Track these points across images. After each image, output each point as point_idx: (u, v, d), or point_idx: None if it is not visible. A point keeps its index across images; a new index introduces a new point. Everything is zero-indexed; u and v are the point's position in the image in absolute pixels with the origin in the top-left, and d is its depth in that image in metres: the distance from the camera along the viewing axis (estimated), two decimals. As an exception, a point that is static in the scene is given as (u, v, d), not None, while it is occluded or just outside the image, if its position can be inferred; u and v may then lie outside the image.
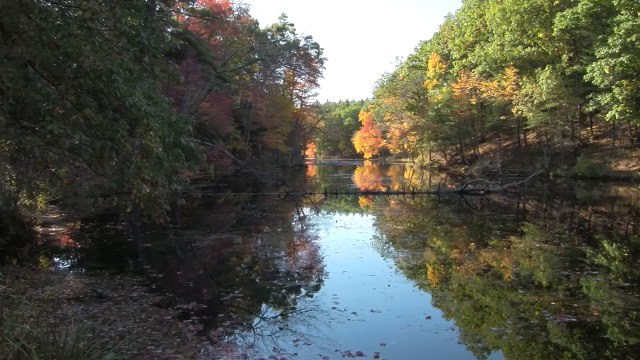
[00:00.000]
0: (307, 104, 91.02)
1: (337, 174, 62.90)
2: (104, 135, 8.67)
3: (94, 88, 8.76)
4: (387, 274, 11.13)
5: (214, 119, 46.07)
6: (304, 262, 12.70)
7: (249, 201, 27.44)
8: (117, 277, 10.18)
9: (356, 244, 14.45)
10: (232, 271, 12.16)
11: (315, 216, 22.72)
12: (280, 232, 17.59)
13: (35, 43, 8.74)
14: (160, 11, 10.82)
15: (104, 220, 18.40)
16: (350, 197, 30.26)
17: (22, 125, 9.29)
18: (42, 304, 7.67)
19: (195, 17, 48.84)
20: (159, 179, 8.68)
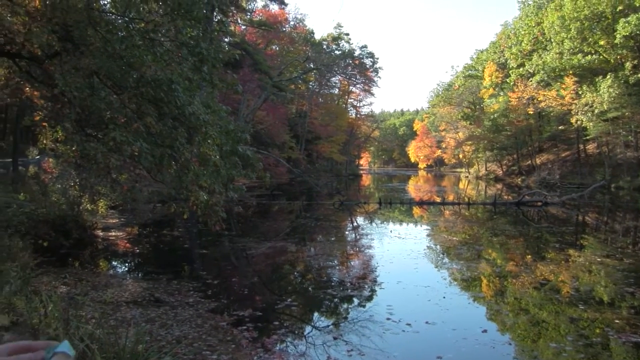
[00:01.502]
0: (362, 113, 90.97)
1: (391, 184, 62.54)
2: (164, 143, 8.86)
3: (155, 97, 8.97)
4: (442, 285, 10.98)
5: (270, 128, 46.57)
6: (357, 272, 12.66)
7: (303, 210, 27.55)
8: (173, 282, 10.37)
9: (411, 255, 14.31)
10: (285, 279, 12.22)
11: (369, 226, 22.62)
12: (333, 241, 17.58)
13: (101, 54, 9.04)
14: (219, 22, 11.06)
15: (161, 226, 18.80)
16: (405, 207, 30.01)
17: (86, 132, 9.61)
18: (103, 306, 7.89)
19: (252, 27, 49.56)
20: (216, 187, 8.81)
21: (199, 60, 9.14)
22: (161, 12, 9.91)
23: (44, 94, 12.73)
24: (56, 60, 9.73)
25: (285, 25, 57.73)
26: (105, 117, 9.16)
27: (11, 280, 7.01)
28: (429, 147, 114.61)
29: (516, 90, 60.75)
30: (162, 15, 9.79)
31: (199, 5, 9.40)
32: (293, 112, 65.46)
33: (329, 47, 75.35)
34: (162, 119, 9.21)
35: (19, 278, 7.31)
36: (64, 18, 9.10)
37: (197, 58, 9.13)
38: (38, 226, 12.12)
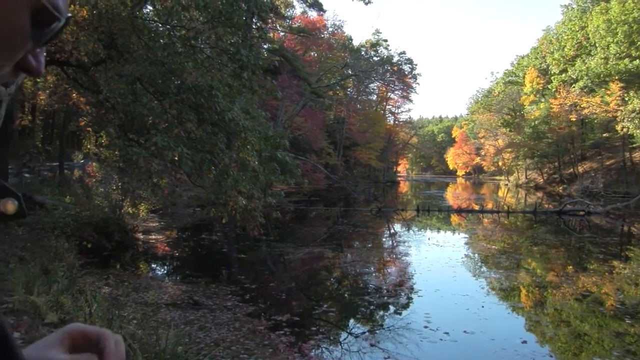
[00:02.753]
0: (400, 120, 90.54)
1: (429, 191, 62.07)
2: (203, 148, 9.01)
3: (195, 103, 9.13)
4: (481, 294, 10.86)
5: (308, 134, 46.73)
6: (394, 279, 12.62)
7: (340, 216, 27.55)
8: (212, 286, 10.49)
9: (449, 263, 14.19)
10: (322, 285, 12.25)
11: (407, 233, 22.51)
12: (370, 248, 17.56)
13: (144, 61, 9.26)
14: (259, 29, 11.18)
15: (199, 230, 19.03)
16: (442, 215, 29.76)
17: (129, 137, 9.84)
18: (144, 307, 8.04)
19: (290, 34, 49.91)
20: (255, 192, 8.92)
21: (239, 67, 9.28)
22: (202, 19, 10.10)
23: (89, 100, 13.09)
24: (101, 67, 10.00)
25: (323, 32, 57.89)
26: (147, 123, 9.37)
27: (59, 279, 7.23)
28: (467, 154, 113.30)
29: (558, 97, 59.62)
30: (203, 22, 9.97)
31: (239, 12, 9.55)
32: (331, 118, 65.58)
33: (367, 53, 75.27)
34: (202, 125, 9.38)
35: (65, 278, 7.53)
36: (109, 27, 9.35)
37: (237, 65, 9.28)
38: (82, 228, 12.42)
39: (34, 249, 9.65)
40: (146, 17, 11.28)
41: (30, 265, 7.88)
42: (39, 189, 16.96)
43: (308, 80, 41.71)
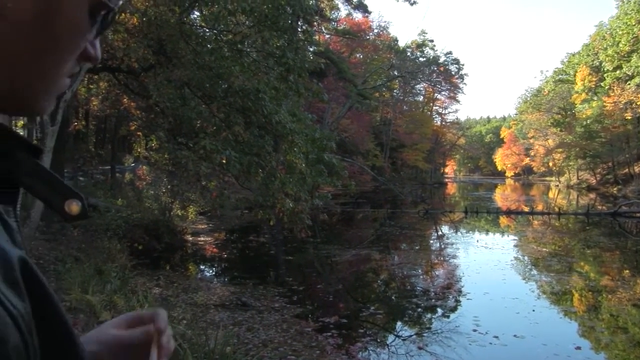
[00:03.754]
0: (447, 121, 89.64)
1: (477, 192, 61.23)
2: (251, 151, 9.11)
3: (242, 106, 9.24)
4: (531, 298, 10.64)
5: (354, 136, 46.74)
6: (442, 281, 12.50)
7: (387, 218, 27.42)
8: (259, 287, 10.59)
9: (498, 265, 13.95)
10: (369, 287, 12.23)
11: (454, 235, 22.26)
12: (418, 250, 17.43)
13: (192, 66, 9.42)
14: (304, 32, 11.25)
15: (247, 232, 19.22)
16: (491, 217, 29.30)
17: (177, 141, 10.02)
18: (193, 308, 8.18)
19: (336, 36, 50.00)
20: (302, 194, 8.97)
21: (285, 70, 9.35)
22: (248, 23, 10.22)
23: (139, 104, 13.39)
24: (151, 72, 10.23)
25: (369, 33, 57.76)
26: (196, 126, 9.53)
27: (112, 279, 7.42)
28: (516, 154, 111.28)
29: (612, 95, 57.95)
30: (250, 26, 10.09)
31: (284, 16, 9.63)
32: (377, 120, 65.42)
33: (413, 54, 74.77)
34: (249, 128, 9.49)
35: (118, 278, 7.73)
36: (159, 33, 9.56)
37: (283, 68, 9.34)
38: (134, 230, 12.70)
39: (88, 250, 9.92)
40: (194, 23, 11.49)
41: (85, 265, 8.11)
42: (93, 191, 17.41)
43: (354, 82, 41.69)
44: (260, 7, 9.35)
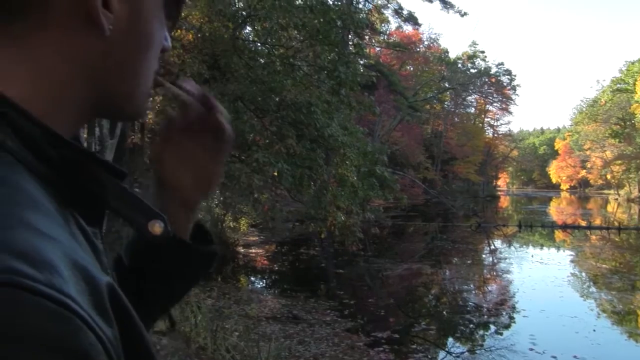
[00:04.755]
0: (499, 133, 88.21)
1: (531, 206, 59.96)
2: (303, 164, 9.16)
3: (295, 119, 9.31)
4: (591, 317, 10.30)
5: (405, 148, 46.47)
6: (495, 297, 12.26)
7: (438, 231, 27.12)
8: (310, 300, 10.59)
9: (555, 282, 13.55)
10: (420, 302, 12.11)
11: (508, 249, 21.81)
12: (470, 265, 17.16)
13: (245, 80, 9.56)
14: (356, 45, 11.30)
15: (298, 245, 19.28)
16: (546, 231, 28.60)
17: (230, 154, 10.15)
18: (246, 320, 8.24)
19: (386, 49, 49.98)
20: (354, 207, 8.96)
21: (337, 84, 9.39)
22: (300, 38, 10.33)
23: (193, 118, 13.63)
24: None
25: (419, 46, 57.53)
26: (249, 140, 9.65)
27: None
28: (572, 167, 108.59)
29: (675, 104, 56.03)
30: (301, 41, 10.19)
31: (336, 30, 9.69)
32: (428, 132, 64.94)
33: (464, 65, 74.02)
34: (301, 141, 9.55)
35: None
36: (213, 48, 9.74)
37: (335, 81, 9.39)
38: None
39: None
40: (246, 38, 11.68)
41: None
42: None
43: (405, 94, 41.58)
44: (311, 22, 9.44)
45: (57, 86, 0.54)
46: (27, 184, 0.46)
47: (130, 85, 0.60)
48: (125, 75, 0.59)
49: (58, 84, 0.54)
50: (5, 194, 0.43)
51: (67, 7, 0.52)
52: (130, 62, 0.59)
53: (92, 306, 0.41)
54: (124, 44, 0.57)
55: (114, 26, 0.54)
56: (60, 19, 0.52)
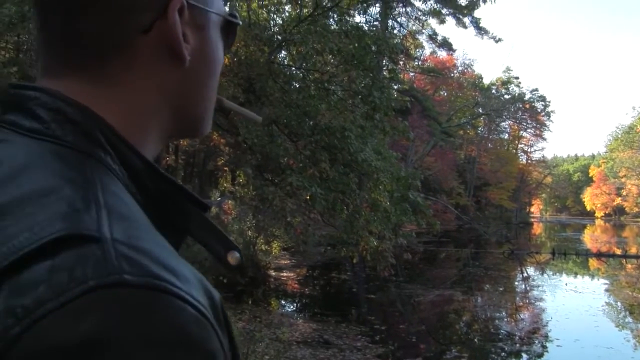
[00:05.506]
0: (533, 159, 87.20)
1: (565, 233, 58.91)
2: (336, 188, 9.17)
3: (328, 144, 9.35)
4: (628, 348, 10.06)
5: (438, 174, 46.21)
6: (528, 326, 12.05)
7: (470, 257, 26.81)
8: (342, 325, 10.54)
9: (589, 311, 13.27)
10: (451, 328, 11.96)
11: (541, 277, 21.43)
12: (502, 292, 16.91)
13: (279, 104, 9.66)
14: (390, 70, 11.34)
15: (329, 269, 19.24)
16: (580, 259, 28.04)
17: (264, 177, 10.24)
18: (277, 343, 8.22)
19: (420, 74, 50.03)
20: (386, 232, 8.93)
21: (371, 109, 9.42)
22: (335, 62, 10.41)
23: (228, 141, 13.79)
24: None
25: (453, 71, 57.41)
26: (282, 163, 9.71)
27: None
28: (607, 194, 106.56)
29: None
30: (336, 65, 10.27)
31: (370, 55, 9.75)
32: (461, 157, 64.51)
33: (498, 91, 73.57)
34: (334, 165, 9.57)
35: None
36: (248, 72, 9.87)
37: (370, 106, 9.42)
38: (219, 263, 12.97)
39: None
40: (282, 62, 11.81)
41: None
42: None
43: (438, 120, 41.52)
44: (347, 47, 9.52)
45: (146, 118, 0.61)
46: (135, 205, 0.51)
47: (203, 107, 0.68)
48: (199, 98, 0.67)
49: (146, 116, 0.61)
50: (131, 213, 0.48)
51: (152, 45, 0.59)
52: (203, 86, 0.66)
53: (214, 317, 0.45)
54: (198, 70, 0.64)
55: (191, 56, 0.61)
56: (145, 56, 0.59)
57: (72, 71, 0.57)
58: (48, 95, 0.54)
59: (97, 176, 0.49)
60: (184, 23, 0.60)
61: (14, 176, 0.47)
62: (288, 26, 10.31)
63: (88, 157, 0.51)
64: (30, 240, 0.40)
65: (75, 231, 0.42)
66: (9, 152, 0.51)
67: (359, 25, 11.78)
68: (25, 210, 0.44)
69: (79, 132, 0.53)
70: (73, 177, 0.48)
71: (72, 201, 0.45)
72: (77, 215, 0.43)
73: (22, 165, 0.49)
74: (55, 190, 0.46)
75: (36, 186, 0.46)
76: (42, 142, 0.51)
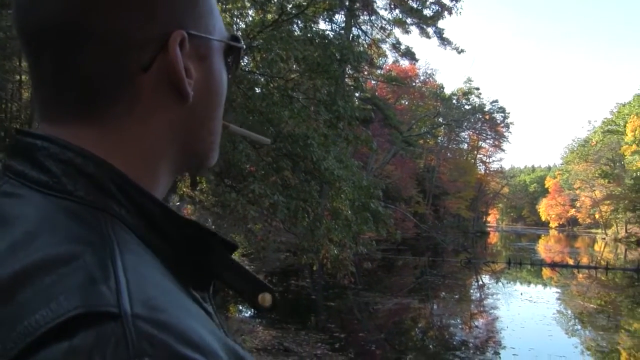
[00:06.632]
0: (491, 169, 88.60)
1: (520, 243, 59.99)
2: (298, 196, 9.18)
3: (291, 151, 9.34)
4: (579, 356, 10.35)
5: (397, 182, 46.51)
6: (483, 334, 12.26)
7: (428, 266, 27.07)
8: (301, 333, 10.53)
9: (543, 320, 13.55)
10: (408, 336, 12.12)
11: (496, 286, 21.79)
12: (458, 300, 17.24)
13: (242, 110, 9.61)
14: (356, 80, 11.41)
15: (288, 276, 19.20)
16: (534, 268, 28.60)
17: (226, 184, 10.18)
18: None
19: (382, 82, 50.34)
20: (348, 241, 8.97)
21: (335, 117, 9.46)
22: (300, 70, 10.41)
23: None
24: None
25: (415, 80, 57.96)
26: (244, 170, 9.67)
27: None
28: (561, 205, 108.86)
29: (665, 147, 56.57)
30: (301, 73, 10.28)
31: (335, 63, 9.79)
32: (421, 166, 65.12)
33: (459, 101, 74.49)
34: (296, 173, 9.58)
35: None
36: (212, 77, 9.80)
37: (333, 115, 9.46)
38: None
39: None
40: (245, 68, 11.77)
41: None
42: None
43: (399, 129, 41.80)
44: (311, 55, 9.54)
45: (154, 160, 0.59)
46: (156, 262, 0.50)
47: (210, 141, 0.66)
48: (206, 133, 0.65)
49: (154, 158, 0.59)
50: (151, 274, 0.47)
51: (153, 82, 0.56)
52: (209, 120, 0.64)
53: None
54: (203, 104, 0.62)
55: (194, 91, 0.59)
56: (147, 95, 0.56)
57: (73, 116, 0.55)
58: (57, 145, 0.52)
59: (113, 235, 0.47)
60: (185, 56, 0.57)
61: (29, 240, 0.45)
62: (252, 31, 10.25)
63: (102, 213, 0.49)
64: (46, 319, 0.39)
65: (93, 308, 0.39)
66: (20, 210, 0.49)
67: (325, 33, 11.82)
68: (44, 280, 0.42)
69: (91, 185, 0.51)
70: (89, 240, 0.46)
71: (90, 270, 0.43)
72: (95, 288, 0.41)
73: (36, 226, 0.47)
74: (74, 257, 0.43)
75: (53, 252, 0.44)
76: (54, 199, 0.50)
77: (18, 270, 0.43)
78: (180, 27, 0.57)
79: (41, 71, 0.56)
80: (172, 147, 0.60)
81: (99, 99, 0.55)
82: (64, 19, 0.52)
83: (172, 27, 0.56)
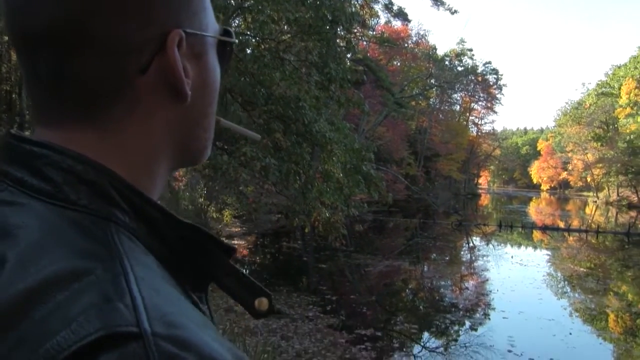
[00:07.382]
0: (483, 131, 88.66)
1: (511, 205, 60.42)
2: (290, 159, 9.15)
3: (283, 114, 9.29)
4: (568, 319, 10.46)
5: (389, 144, 46.49)
6: (473, 296, 12.41)
7: (419, 228, 27.26)
8: (293, 295, 10.63)
9: (533, 283, 13.68)
10: (399, 297, 12.24)
11: (487, 248, 21.99)
12: (449, 262, 17.37)
13: (234, 72, 9.51)
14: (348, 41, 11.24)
15: (279, 237, 19.31)
16: (525, 231, 28.83)
17: (217, 146, 10.12)
18: (231, 314, 8.22)
19: (374, 44, 49.90)
20: (339, 203, 8.98)
21: (327, 80, 9.38)
22: (291, 32, 10.28)
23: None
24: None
25: (407, 42, 57.49)
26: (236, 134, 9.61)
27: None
28: (553, 168, 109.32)
29: (660, 109, 56.50)
30: (293, 35, 10.15)
31: (328, 25, 9.66)
32: (413, 128, 65.02)
33: (451, 63, 74.18)
34: (287, 135, 9.54)
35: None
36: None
37: (325, 77, 9.38)
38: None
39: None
40: (236, 30, 11.61)
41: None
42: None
43: (391, 90, 41.63)
44: (303, 16, 9.40)
45: (152, 161, 0.58)
46: (161, 270, 0.50)
47: (205, 138, 0.64)
48: (201, 131, 0.63)
49: (152, 160, 0.58)
50: (161, 285, 0.46)
51: (151, 84, 0.55)
52: (204, 117, 0.63)
53: None
54: (199, 102, 0.61)
55: (192, 90, 0.58)
56: (145, 97, 0.55)
57: (71, 120, 0.54)
58: (56, 152, 0.52)
59: (120, 246, 0.47)
60: (182, 56, 0.56)
61: (37, 253, 0.45)
62: (244, -8, 10.09)
63: (107, 222, 0.49)
64: (69, 342, 0.38)
65: (114, 329, 0.39)
66: (22, 220, 0.48)
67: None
68: (57, 297, 0.41)
69: (93, 193, 0.50)
70: (98, 252, 0.45)
71: (104, 287, 0.42)
72: (112, 307, 0.40)
73: (41, 238, 0.46)
74: (85, 272, 0.43)
75: (62, 266, 0.43)
76: (56, 208, 0.49)
77: (30, 285, 0.42)
78: (177, 25, 0.56)
79: (37, 74, 0.54)
80: (169, 147, 0.60)
81: (98, 102, 0.54)
82: (64, 22, 0.51)
83: (169, 26, 0.55)
